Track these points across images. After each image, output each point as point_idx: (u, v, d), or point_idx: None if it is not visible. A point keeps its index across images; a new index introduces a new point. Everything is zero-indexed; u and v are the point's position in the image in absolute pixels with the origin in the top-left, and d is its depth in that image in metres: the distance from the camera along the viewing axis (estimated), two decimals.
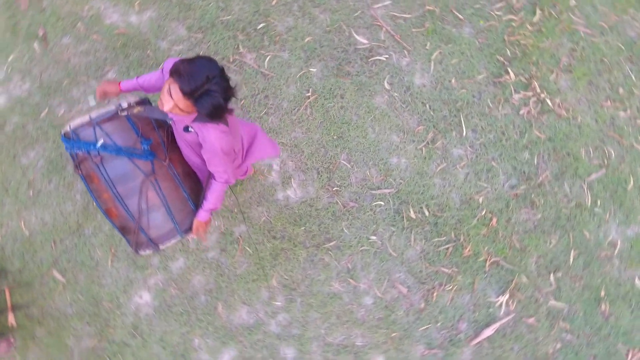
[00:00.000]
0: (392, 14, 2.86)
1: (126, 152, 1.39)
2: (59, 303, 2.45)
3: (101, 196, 1.45)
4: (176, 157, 1.57)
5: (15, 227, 2.54)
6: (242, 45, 2.79)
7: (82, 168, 1.42)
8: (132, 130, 1.44)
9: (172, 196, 1.53)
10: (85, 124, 1.39)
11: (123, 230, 1.53)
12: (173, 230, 1.55)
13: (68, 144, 1.39)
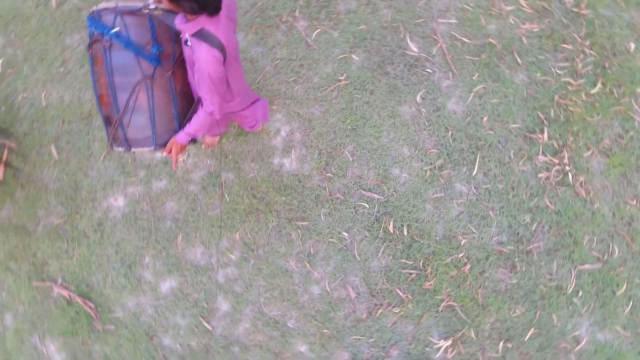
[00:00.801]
0: (452, 33, 2.83)
1: (135, 48, 1.48)
2: (45, 176, 2.62)
3: (99, 80, 1.54)
4: (180, 75, 1.65)
5: (36, 95, 2.72)
6: (299, 10, 2.85)
7: (92, 48, 1.52)
8: (149, 31, 1.53)
9: (161, 107, 1.61)
10: (110, 9, 1.48)
11: (107, 120, 1.62)
12: (149, 138, 1.63)
13: (90, 22, 1.48)
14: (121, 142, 1.64)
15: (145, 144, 1.65)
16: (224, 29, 1.44)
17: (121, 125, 1.60)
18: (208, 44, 1.39)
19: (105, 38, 1.49)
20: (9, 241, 2.55)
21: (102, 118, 1.64)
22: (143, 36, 1.52)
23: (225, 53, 1.45)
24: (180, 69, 1.66)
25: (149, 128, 1.62)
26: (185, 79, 1.70)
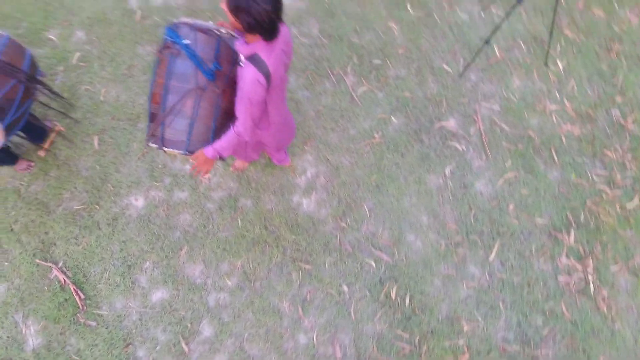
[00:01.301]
0: (493, 118, 2.91)
1: (197, 60, 1.64)
2: (81, 163, 2.79)
3: (157, 80, 1.70)
4: (228, 94, 1.78)
5: (97, 90, 2.98)
6: (351, 67, 3.05)
7: (162, 52, 1.69)
8: (214, 50, 1.69)
9: (202, 118, 1.73)
10: (188, 24, 1.67)
11: (152, 117, 1.76)
12: (183, 143, 1.75)
13: (168, 30, 1.67)
14: (157, 139, 1.76)
15: (177, 147, 1.76)
16: (275, 60, 1.57)
17: (162, 124, 1.72)
18: (256, 67, 1.52)
19: (176, 46, 1.67)
20: (29, 215, 2.67)
21: (149, 114, 1.78)
22: (207, 53, 1.68)
23: (270, 81, 1.58)
24: (231, 90, 1.80)
25: (185, 133, 1.74)
26: (232, 100, 1.82)
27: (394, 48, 3.14)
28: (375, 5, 3.28)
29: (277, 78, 1.64)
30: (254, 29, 1.42)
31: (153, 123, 1.75)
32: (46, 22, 3.21)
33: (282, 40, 1.61)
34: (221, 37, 1.74)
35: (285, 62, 1.69)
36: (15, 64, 2.07)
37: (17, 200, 2.71)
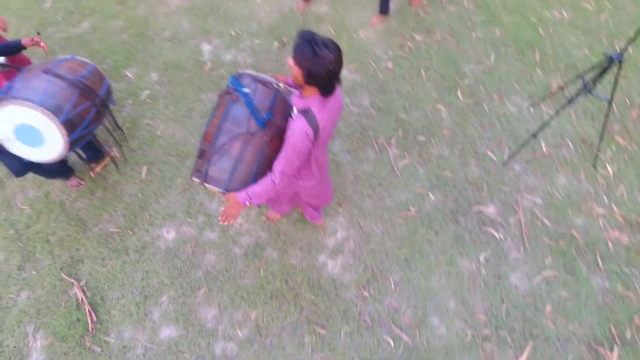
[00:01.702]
0: (535, 211, 2.86)
1: (252, 108, 1.78)
2: (126, 188, 2.96)
3: (213, 120, 1.85)
4: (275, 144, 1.90)
5: (156, 125, 3.25)
6: (395, 139, 3.16)
7: (223, 97, 1.85)
8: (270, 102, 1.84)
9: (246, 162, 1.83)
10: (251, 75, 1.85)
11: (201, 153, 1.88)
12: (223, 182, 1.84)
13: (232, 79, 1.85)
14: (201, 174, 1.86)
15: (218, 184, 1.86)
16: (326, 118, 1.69)
17: (209, 161, 1.84)
18: (307, 120, 1.64)
19: (236, 93, 1.83)
20: (67, 229, 2.80)
21: (199, 151, 1.90)
22: (263, 103, 1.83)
23: (317, 135, 1.69)
24: (278, 141, 1.91)
25: (228, 173, 1.84)
26: (278, 150, 1.93)
27: (440, 128, 3.24)
28: (427, 88, 3.46)
29: (325, 133, 1.74)
30: (313, 81, 1.55)
31: (201, 159, 1.86)
32: (127, 61, 3.62)
33: (335, 100, 1.73)
34: (279, 91, 1.89)
35: (335, 121, 1.80)
36: (95, 89, 2.32)
37: (60, 214, 2.87)
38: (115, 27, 3.84)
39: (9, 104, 1.97)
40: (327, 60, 1.48)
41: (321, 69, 1.49)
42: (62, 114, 2.08)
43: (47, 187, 2.97)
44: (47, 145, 2.14)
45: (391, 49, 3.70)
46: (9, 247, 2.75)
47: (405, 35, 3.79)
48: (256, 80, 1.86)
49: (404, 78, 3.53)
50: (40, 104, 2.00)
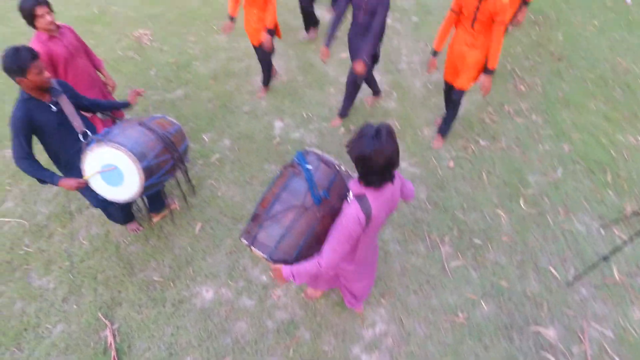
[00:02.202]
0: (604, 345, 2.58)
1: (311, 184, 1.88)
2: (177, 241, 3.11)
3: (272, 189, 1.97)
4: (326, 222, 1.95)
5: (218, 187, 3.48)
6: (449, 238, 3.11)
7: (286, 168, 1.98)
8: (329, 181, 1.94)
9: (295, 233, 1.89)
10: (316, 154, 1.98)
11: (254, 217, 1.98)
12: (269, 248, 1.89)
13: (298, 154, 1.99)
14: (250, 237, 1.93)
15: (263, 250, 1.90)
16: (380, 207, 1.73)
17: (260, 225, 1.91)
18: (361, 206, 1.68)
19: (299, 167, 1.95)
20: (115, 270, 2.93)
21: (253, 214, 1.99)
22: (322, 181, 1.93)
23: (369, 223, 1.71)
24: (330, 220, 1.96)
25: (275, 241, 1.89)
26: (328, 228, 1.98)
27: (499, 234, 3.14)
28: (488, 191, 3.44)
29: (377, 222, 1.76)
30: (366, 176, 1.63)
31: (253, 222, 1.95)
32: (207, 126, 4.02)
33: (391, 191, 1.77)
34: (339, 173, 1.99)
35: (389, 210, 1.83)
36: (176, 145, 2.58)
37: (113, 254, 3.03)
38: (203, 97, 4.36)
39: (105, 145, 2.25)
40: (378, 163, 1.55)
41: (372, 169, 1.57)
42: (145, 160, 2.32)
43: (109, 227, 3.19)
44: (124, 187, 2.36)
45: (454, 150, 3.79)
46: (60, 277, 2.91)
47: (469, 139, 3.89)
48: (320, 159, 1.98)
49: (464, 178, 3.55)
50: (129, 149, 2.26)
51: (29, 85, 2.19)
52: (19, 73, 2.13)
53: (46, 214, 3.29)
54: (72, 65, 2.90)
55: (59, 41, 2.79)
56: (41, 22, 2.65)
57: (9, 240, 3.12)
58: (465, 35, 3.11)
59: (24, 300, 2.79)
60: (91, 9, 5.80)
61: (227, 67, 4.77)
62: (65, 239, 3.13)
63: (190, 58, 4.91)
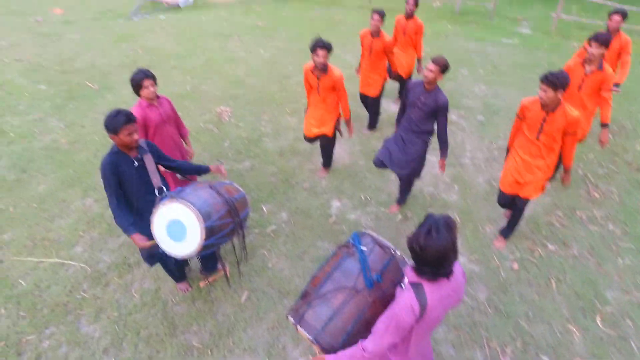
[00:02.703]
0: None
1: (364, 266, 1.84)
2: (222, 307, 3.11)
3: (325, 267, 1.95)
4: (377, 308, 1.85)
5: (270, 258, 3.52)
6: (512, 350, 2.83)
7: (340, 248, 1.98)
8: (383, 265, 1.89)
9: (343, 317, 1.81)
10: (372, 237, 1.98)
11: (303, 294, 1.94)
12: (316, 330, 1.81)
13: (354, 235, 2.00)
14: (297, 315, 1.88)
15: (309, 331, 1.83)
16: (437, 299, 1.62)
17: (309, 304, 1.87)
18: (416, 295, 1.58)
19: (354, 248, 1.94)
20: (158, 328, 2.95)
21: (303, 292, 1.96)
22: (376, 264, 1.89)
23: (423, 315, 1.59)
24: (381, 305, 1.87)
25: (322, 322, 1.82)
26: (378, 314, 1.87)
27: (571, 354, 2.78)
28: (557, 302, 3.13)
29: (433, 316, 1.64)
30: (419, 266, 1.57)
31: (302, 300, 1.91)
32: (267, 198, 4.20)
33: (453, 287, 1.67)
34: (394, 257, 1.93)
35: (448, 306, 1.71)
36: (238, 211, 2.70)
37: (159, 311, 3.07)
38: (268, 171, 4.63)
39: (176, 201, 2.41)
40: (434, 245, 1.50)
41: (427, 251, 1.52)
42: (209, 220, 2.44)
43: (161, 284, 3.29)
44: (185, 242, 2.46)
45: (519, 250, 3.57)
46: (106, 327, 2.97)
47: (536, 241, 3.67)
48: (375, 241, 1.96)
49: (529, 283, 3.28)
50: (197, 207, 2.40)
51: (119, 142, 2.50)
52: (112, 132, 2.46)
53: (108, 263, 3.48)
54: (160, 130, 3.28)
55: (156, 109, 3.21)
56: (145, 92, 3.09)
57: (70, 284, 3.30)
58: (530, 145, 3.07)
59: (69, 345, 2.85)
60: (185, 86, 6.66)
61: (293, 146, 5.09)
62: (119, 289, 3.25)
63: (261, 134, 5.33)
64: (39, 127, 5.57)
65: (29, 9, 12.07)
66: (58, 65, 7.58)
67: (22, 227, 3.87)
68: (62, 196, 4.27)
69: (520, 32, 9.61)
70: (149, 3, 12.05)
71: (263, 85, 6.71)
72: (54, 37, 9.17)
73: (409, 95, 3.39)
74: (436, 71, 3.13)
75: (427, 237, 1.51)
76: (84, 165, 4.72)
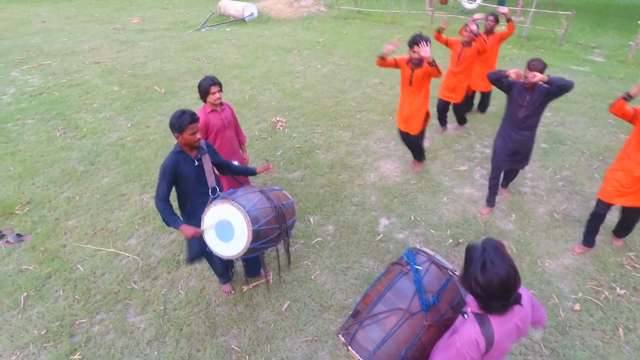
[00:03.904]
0: None
1: (419, 286, 1.75)
2: (263, 313, 3.14)
3: (377, 286, 1.88)
4: (433, 333, 1.75)
5: (313, 269, 3.47)
6: None
7: (393, 266, 1.91)
8: (440, 286, 1.79)
9: (397, 340, 1.72)
10: (428, 255, 1.88)
11: (355, 313, 1.88)
12: (367, 352, 1.74)
13: (408, 252, 1.92)
14: (348, 335, 1.82)
15: (360, 353, 1.76)
16: (504, 333, 1.49)
17: (360, 324, 1.80)
18: (481, 328, 1.46)
19: (408, 267, 1.85)
20: (200, 327, 3.00)
21: (354, 311, 1.91)
22: (432, 285, 1.79)
23: (488, 350, 1.47)
24: (437, 330, 1.77)
25: (374, 344, 1.74)
26: (434, 339, 1.77)
27: None
28: (625, 353, 2.83)
29: (498, 352, 1.52)
30: (486, 304, 1.44)
31: (353, 319, 1.85)
32: (315, 209, 4.20)
33: (520, 316, 1.55)
34: (452, 278, 1.83)
35: (515, 338, 1.59)
36: (285, 218, 2.71)
37: (202, 310, 3.13)
38: (317, 183, 4.64)
39: (228, 202, 2.47)
40: (498, 276, 1.38)
41: (493, 285, 1.39)
42: (257, 224, 2.47)
43: (205, 283, 3.36)
44: (231, 244, 2.50)
45: (582, 291, 3.29)
46: (152, 320, 3.07)
47: (603, 283, 3.36)
48: (431, 260, 1.87)
49: (592, 328, 2.99)
50: (247, 210, 2.44)
51: (182, 141, 2.61)
52: (178, 130, 2.56)
53: (158, 258, 3.62)
54: (221, 135, 3.40)
55: (218, 115, 3.33)
56: (211, 98, 3.22)
57: (122, 273, 3.46)
58: None
59: (116, 333, 2.97)
60: (244, 95, 6.91)
61: (344, 160, 5.09)
62: (166, 284, 3.36)
63: (313, 146, 5.39)
64: (108, 124, 6.00)
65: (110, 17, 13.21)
66: (130, 69, 8.18)
67: (86, 216, 4.14)
68: (122, 190, 4.53)
69: (593, 59, 9.08)
70: (217, 16, 12.75)
71: (318, 99, 6.81)
72: (129, 44, 9.93)
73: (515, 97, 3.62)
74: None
75: (483, 273, 1.40)
76: (145, 163, 5.00)
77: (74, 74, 7.99)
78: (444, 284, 1.81)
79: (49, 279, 3.42)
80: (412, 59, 4.01)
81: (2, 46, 9.79)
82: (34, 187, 4.61)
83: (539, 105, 3.55)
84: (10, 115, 6.32)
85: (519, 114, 3.64)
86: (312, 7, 13.81)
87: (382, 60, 4.10)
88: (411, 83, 4.16)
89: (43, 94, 7.07)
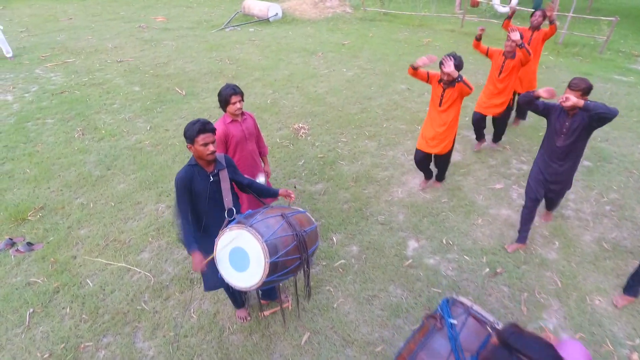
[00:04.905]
0: None
1: (455, 345, 1.48)
2: (280, 345, 2.88)
3: (410, 343, 1.63)
4: None
5: (336, 296, 3.20)
6: None
7: (428, 319, 1.63)
8: (480, 343, 1.51)
9: None
10: (465, 306, 1.60)
11: None
12: None
13: (443, 303, 1.64)
14: None
15: None
16: None
17: None
18: None
19: (442, 321, 1.57)
20: (213, 357, 2.76)
21: None
22: (471, 343, 1.52)
23: None
24: None
25: None
26: None
27: None
28: None
29: None
30: None
31: None
32: (338, 227, 3.92)
33: None
34: (492, 333, 1.55)
35: None
36: (307, 246, 2.44)
37: (214, 338, 2.90)
38: (341, 197, 4.36)
39: (244, 229, 2.20)
40: None
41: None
42: (276, 256, 2.20)
43: (220, 307, 3.12)
44: (245, 275, 2.24)
45: (639, 336, 2.91)
46: (161, 347, 2.84)
47: None
48: (469, 312, 1.59)
49: None
50: (265, 240, 2.17)
51: (195, 153, 2.37)
52: (190, 140, 2.33)
53: (171, 275, 3.41)
54: (241, 147, 3.15)
55: (239, 125, 3.09)
56: (231, 108, 2.97)
57: (133, 292, 3.26)
58: None
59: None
60: (265, 99, 6.69)
61: (369, 173, 4.79)
62: (178, 306, 3.13)
63: (337, 157, 5.10)
64: (127, 126, 5.85)
65: (135, 15, 13.23)
66: (152, 69, 8.07)
67: (99, 225, 3.96)
68: (138, 198, 4.35)
69: (637, 69, 8.51)
70: (241, 16, 12.61)
71: (343, 105, 6.53)
72: (153, 43, 9.85)
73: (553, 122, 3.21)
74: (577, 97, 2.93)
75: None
76: (162, 169, 4.82)
77: (96, 72, 7.93)
78: (484, 341, 1.53)
79: (56, 294, 3.25)
80: (443, 79, 3.77)
81: (29, 43, 9.84)
82: (48, 192, 4.47)
83: (580, 132, 3.07)
84: (31, 114, 6.25)
85: (557, 142, 3.19)
86: (338, 8, 13.53)
87: (414, 70, 3.79)
88: (441, 104, 3.88)
89: (64, 92, 7.00)
